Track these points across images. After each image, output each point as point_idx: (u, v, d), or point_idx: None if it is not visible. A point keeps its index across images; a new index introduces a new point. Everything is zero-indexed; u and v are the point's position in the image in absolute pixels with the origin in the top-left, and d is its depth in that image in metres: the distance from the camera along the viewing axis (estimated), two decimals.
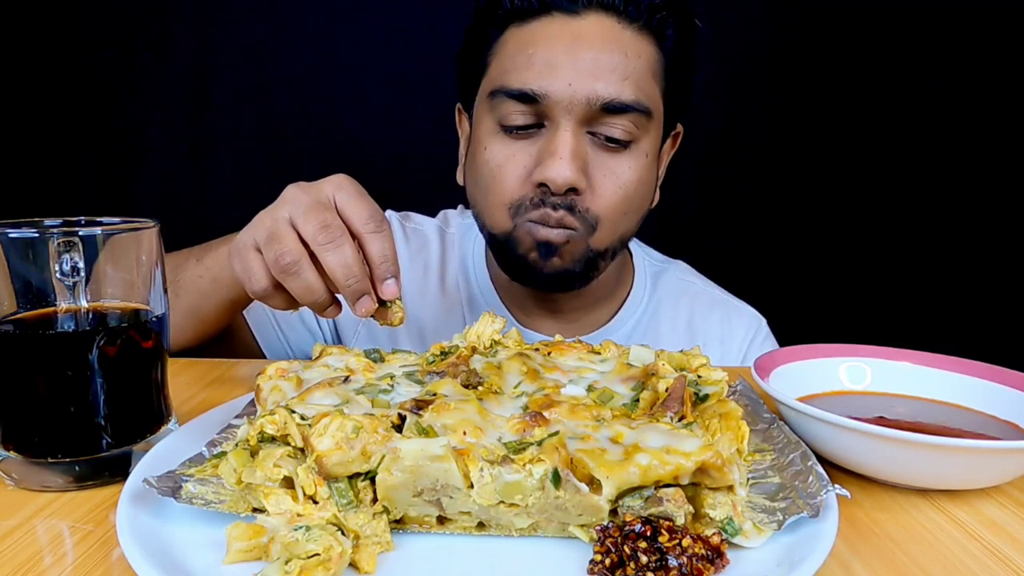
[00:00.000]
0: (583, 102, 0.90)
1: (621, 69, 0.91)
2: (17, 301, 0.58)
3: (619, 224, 0.98)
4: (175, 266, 0.96)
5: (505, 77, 0.94)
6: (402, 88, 1.98)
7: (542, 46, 0.92)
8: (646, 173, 0.98)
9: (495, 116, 0.96)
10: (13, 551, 0.50)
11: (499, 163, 0.96)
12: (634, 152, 0.95)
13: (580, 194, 0.93)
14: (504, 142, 0.95)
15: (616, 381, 0.64)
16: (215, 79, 2.01)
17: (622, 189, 0.95)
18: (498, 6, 0.96)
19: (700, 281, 1.25)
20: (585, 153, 0.93)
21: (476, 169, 0.99)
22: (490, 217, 0.99)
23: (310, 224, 0.71)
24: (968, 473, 0.59)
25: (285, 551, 0.46)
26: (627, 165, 0.95)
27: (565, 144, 0.91)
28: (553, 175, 0.90)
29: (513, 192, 0.95)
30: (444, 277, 1.17)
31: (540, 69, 0.91)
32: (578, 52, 0.91)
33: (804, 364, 0.75)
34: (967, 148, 2.00)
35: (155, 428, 0.64)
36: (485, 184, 0.98)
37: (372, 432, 0.50)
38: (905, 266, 2.06)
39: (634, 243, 1.23)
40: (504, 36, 0.97)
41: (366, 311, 0.72)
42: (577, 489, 0.49)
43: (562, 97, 0.90)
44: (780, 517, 0.50)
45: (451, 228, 1.22)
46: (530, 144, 0.94)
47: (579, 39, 0.91)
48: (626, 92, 0.91)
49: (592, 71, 0.90)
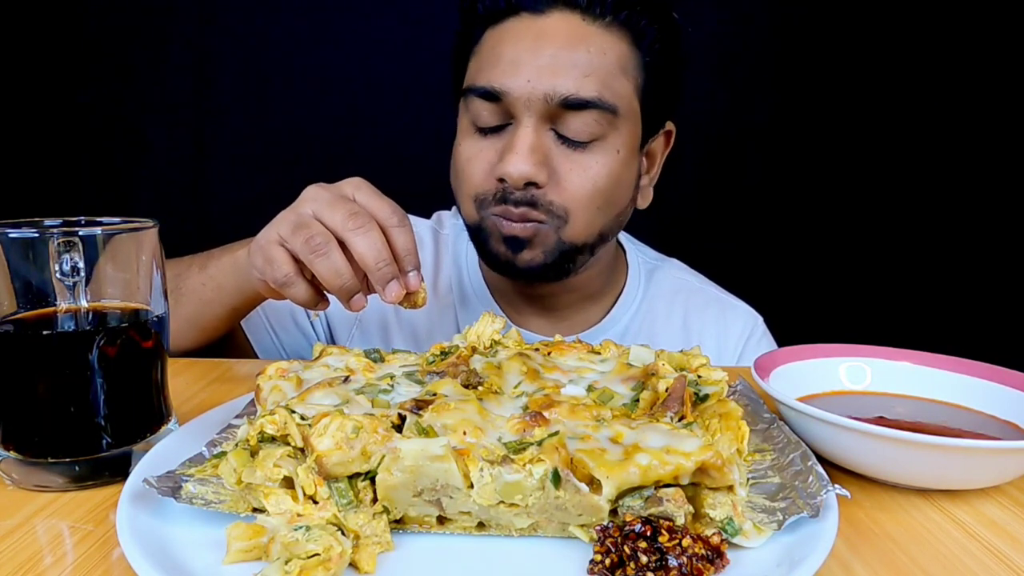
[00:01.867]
0: (541, 98, 0.91)
1: (583, 66, 0.91)
2: (17, 301, 0.58)
3: (594, 218, 0.98)
4: (176, 274, 0.96)
5: (476, 76, 0.96)
6: (399, 90, 1.98)
7: (508, 45, 0.94)
8: (619, 170, 0.97)
9: (469, 115, 0.98)
10: (13, 551, 0.50)
11: (467, 158, 0.98)
12: (603, 148, 0.95)
13: (541, 188, 0.93)
14: (474, 139, 0.98)
15: (616, 381, 0.64)
16: (215, 79, 2.01)
17: (590, 183, 0.95)
18: (473, 8, 0.98)
19: (695, 278, 1.25)
20: (546, 148, 0.94)
21: (452, 165, 1.03)
22: (462, 209, 1.02)
23: (337, 214, 0.72)
24: (968, 473, 0.59)
25: (285, 551, 0.46)
26: (595, 160, 0.95)
27: (523, 140, 0.92)
28: (510, 170, 0.91)
29: (477, 186, 0.97)
30: (437, 278, 1.17)
31: (504, 67, 0.93)
32: (540, 50, 0.92)
33: (804, 364, 0.75)
34: (967, 148, 2.00)
35: (155, 428, 0.64)
36: (457, 178, 1.01)
37: (372, 432, 0.50)
38: (905, 266, 2.06)
39: (628, 240, 1.23)
40: (483, 37, 0.98)
41: (396, 296, 0.74)
42: (577, 489, 0.49)
43: (521, 94, 0.91)
44: (780, 517, 0.50)
45: (444, 229, 1.22)
46: (497, 141, 0.96)
47: (541, 37, 0.92)
48: (586, 88, 0.91)
49: (551, 68, 0.91)
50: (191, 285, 0.94)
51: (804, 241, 2.06)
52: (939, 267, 2.04)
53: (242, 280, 0.89)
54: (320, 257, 0.72)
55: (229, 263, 0.91)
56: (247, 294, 0.91)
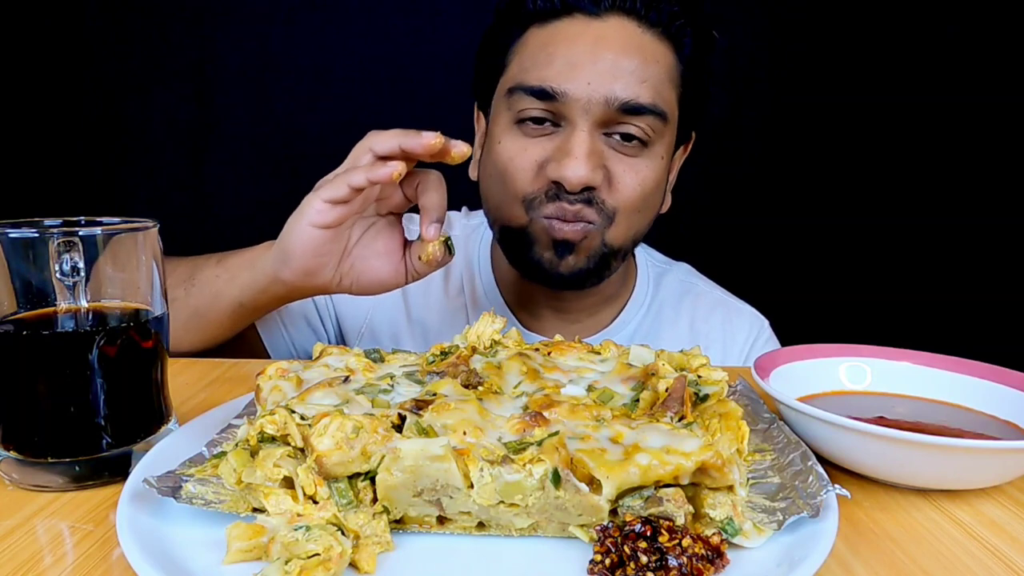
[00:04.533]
0: (601, 102, 0.91)
1: (640, 72, 0.92)
2: (17, 301, 0.58)
3: (634, 221, 0.99)
4: (196, 266, 0.97)
5: (524, 75, 0.96)
6: (404, 89, 1.98)
7: (563, 46, 0.93)
8: (661, 175, 1.00)
9: (512, 112, 0.97)
10: (13, 551, 0.50)
11: (511, 156, 0.97)
12: (651, 154, 0.97)
13: (596, 190, 0.94)
14: (518, 137, 0.97)
15: (616, 381, 0.64)
16: (216, 79, 2.01)
17: (640, 186, 0.96)
18: (521, 6, 0.97)
19: (702, 282, 1.25)
20: (601, 152, 0.94)
21: (491, 163, 1.01)
22: (506, 210, 1.00)
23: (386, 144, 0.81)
24: (968, 473, 0.59)
25: (285, 551, 0.46)
26: (645, 164, 0.96)
27: (581, 143, 0.92)
28: (569, 174, 0.91)
29: (526, 186, 0.96)
30: (448, 279, 1.17)
31: (560, 68, 0.92)
32: (598, 53, 0.92)
33: (804, 364, 0.75)
34: (968, 148, 2.01)
35: (155, 428, 0.64)
36: (499, 178, 0.99)
37: (372, 432, 0.50)
38: (906, 266, 2.06)
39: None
40: (525, 36, 0.98)
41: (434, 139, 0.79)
42: (577, 489, 0.49)
43: (580, 96, 0.91)
44: (780, 517, 0.50)
45: (455, 230, 1.22)
46: (545, 140, 0.96)
47: (600, 41, 0.92)
48: (644, 95, 0.92)
49: (611, 72, 0.91)
50: (205, 276, 0.95)
51: (804, 241, 2.06)
52: (939, 267, 2.04)
53: (256, 273, 0.89)
54: (383, 136, 0.81)
55: (247, 258, 0.92)
56: (257, 287, 0.90)
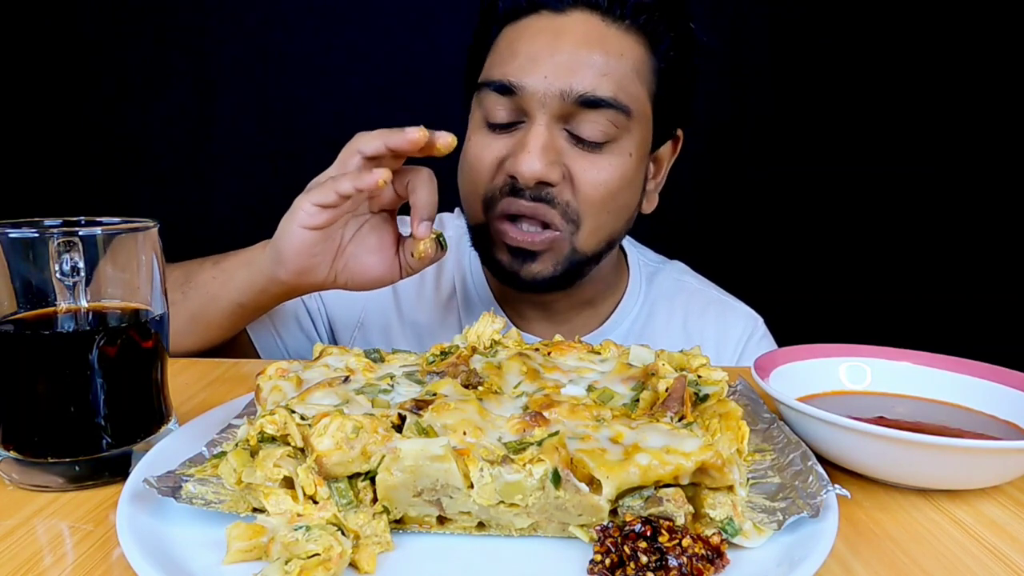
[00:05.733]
0: (557, 95, 0.91)
1: (600, 66, 0.92)
2: (17, 301, 0.58)
3: (603, 222, 0.98)
4: (191, 270, 0.96)
5: (490, 71, 0.97)
6: (400, 91, 1.98)
7: (526, 42, 0.94)
8: (631, 173, 0.98)
9: (482, 111, 0.98)
10: (13, 551, 0.50)
11: (476, 153, 0.98)
12: (615, 150, 0.95)
13: (554, 187, 0.93)
14: (485, 135, 0.97)
15: (616, 381, 0.64)
16: (216, 79, 2.01)
17: (603, 185, 0.95)
18: (493, 6, 0.99)
19: (696, 280, 1.24)
20: (559, 148, 0.94)
21: (461, 162, 1.02)
22: (469, 208, 1.01)
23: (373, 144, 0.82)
24: (968, 473, 0.59)
25: (285, 551, 0.46)
26: (608, 162, 0.95)
27: (537, 137, 0.92)
28: (522, 168, 0.91)
29: (487, 183, 0.97)
30: (440, 279, 1.17)
31: (521, 62, 0.93)
32: (558, 47, 0.92)
33: (804, 364, 0.75)
34: (968, 148, 2.01)
35: (155, 428, 0.64)
36: (466, 175, 1.00)
37: (372, 432, 0.50)
38: (906, 266, 2.06)
39: (629, 243, 1.23)
40: (500, 34, 0.99)
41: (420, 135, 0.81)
42: (577, 489, 0.49)
43: (537, 89, 0.91)
44: (780, 517, 0.50)
45: (448, 231, 1.22)
46: (507, 137, 0.96)
47: (560, 35, 0.93)
48: (603, 88, 0.92)
49: (569, 65, 0.91)
50: (202, 279, 0.95)
51: (804, 241, 2.06)
52: (939, 267, 2.04)
53: (254, 273, 0.89)
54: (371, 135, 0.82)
55: (243, 258, 0.92)
56: (255, 287, 0.90)
